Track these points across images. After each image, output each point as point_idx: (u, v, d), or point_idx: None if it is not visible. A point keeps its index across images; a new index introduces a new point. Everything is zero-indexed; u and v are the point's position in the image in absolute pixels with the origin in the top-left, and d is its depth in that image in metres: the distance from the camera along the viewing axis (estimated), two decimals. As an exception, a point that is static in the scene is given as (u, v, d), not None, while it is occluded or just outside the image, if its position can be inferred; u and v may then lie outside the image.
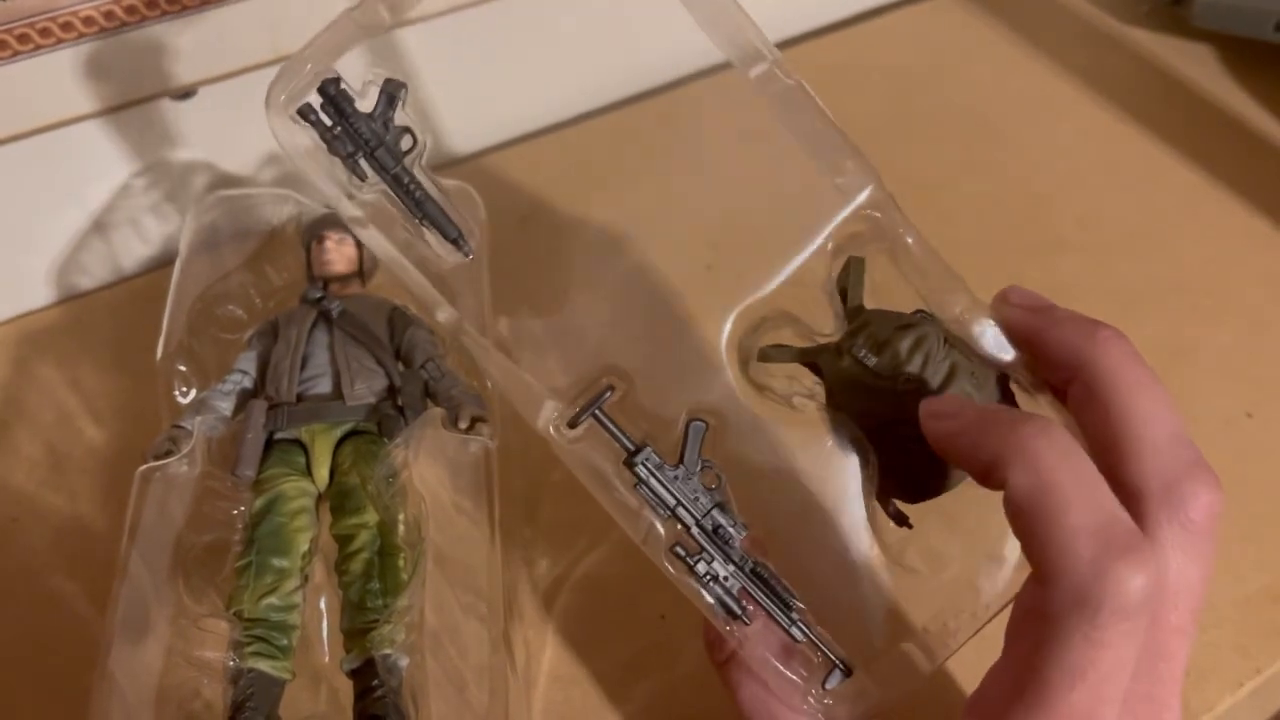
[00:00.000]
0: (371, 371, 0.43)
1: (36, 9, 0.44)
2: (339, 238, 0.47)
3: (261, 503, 0.40)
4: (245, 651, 0.37)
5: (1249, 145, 0.65)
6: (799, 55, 0.72)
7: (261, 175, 0.58)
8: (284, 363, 0.43)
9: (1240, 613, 0.44)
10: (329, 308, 0.44)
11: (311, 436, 0.42)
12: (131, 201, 0.55)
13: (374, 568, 0.39)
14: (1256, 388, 0.52)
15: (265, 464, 0.41)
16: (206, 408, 0.43)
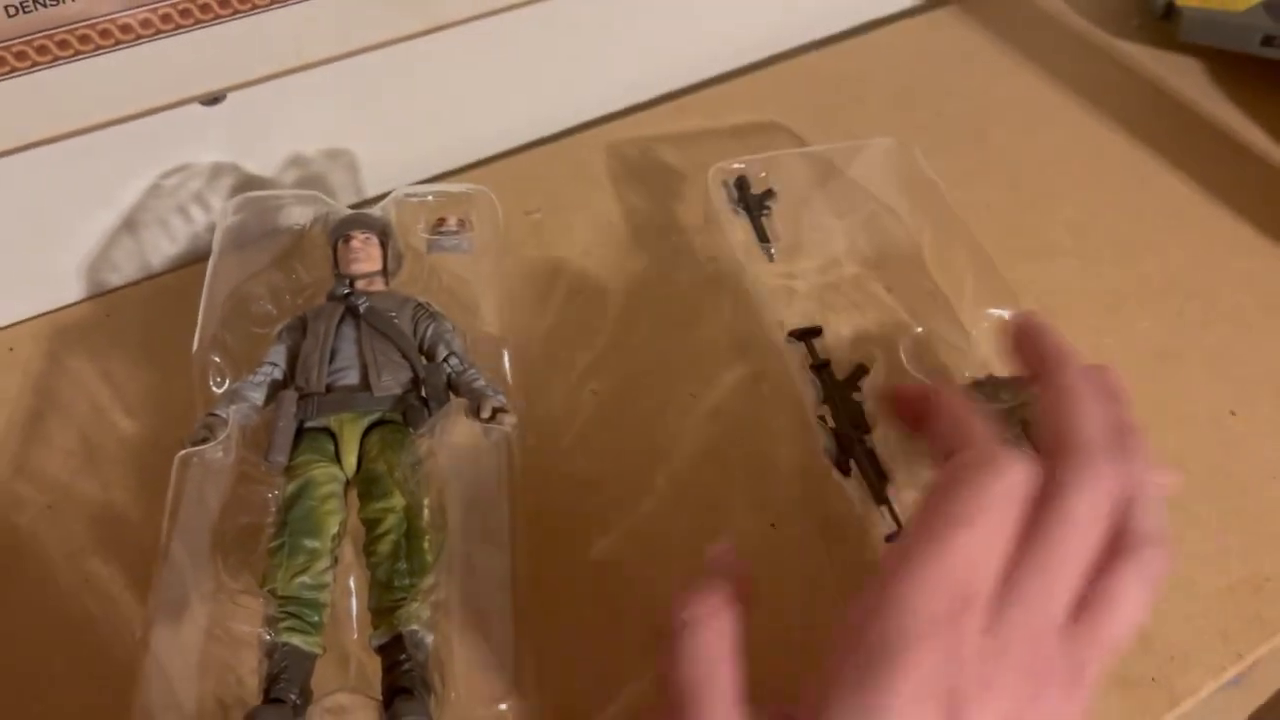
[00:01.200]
0: (397, 364, 0.45)
1: (76, 16, 0.46)
2: (365, 237, 0.49)
3: (293, 488, 0.42)
4: (279, 627, 0.39)
5: (1234, 154, 0.67)
6: (801, 66, 0.74)
7: (285, 177, 0.60)
8: (313, 355, 0.45)
9: (1223, 602, 0.46)
10: (356, 304, 0.46)
11: (340, 425, 0.44)
12: (161, 202, 0.57)
13: (401, 549, 0.41)
14: (1240, 387, 0.54)
15: (296, 451, 0.43)
16: (239, 397, 0.45)
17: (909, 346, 0.51)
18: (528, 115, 0.67)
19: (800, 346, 0.51)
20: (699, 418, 0.52)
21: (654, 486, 0.49)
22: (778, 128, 0.68)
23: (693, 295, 0.58)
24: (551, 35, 0.64)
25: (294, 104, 0.57)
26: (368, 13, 0.52)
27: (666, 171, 0.65)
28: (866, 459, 0.46)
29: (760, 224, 0.57)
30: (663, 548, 0.47)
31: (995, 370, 0.50)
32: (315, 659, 0.39)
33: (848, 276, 0.58)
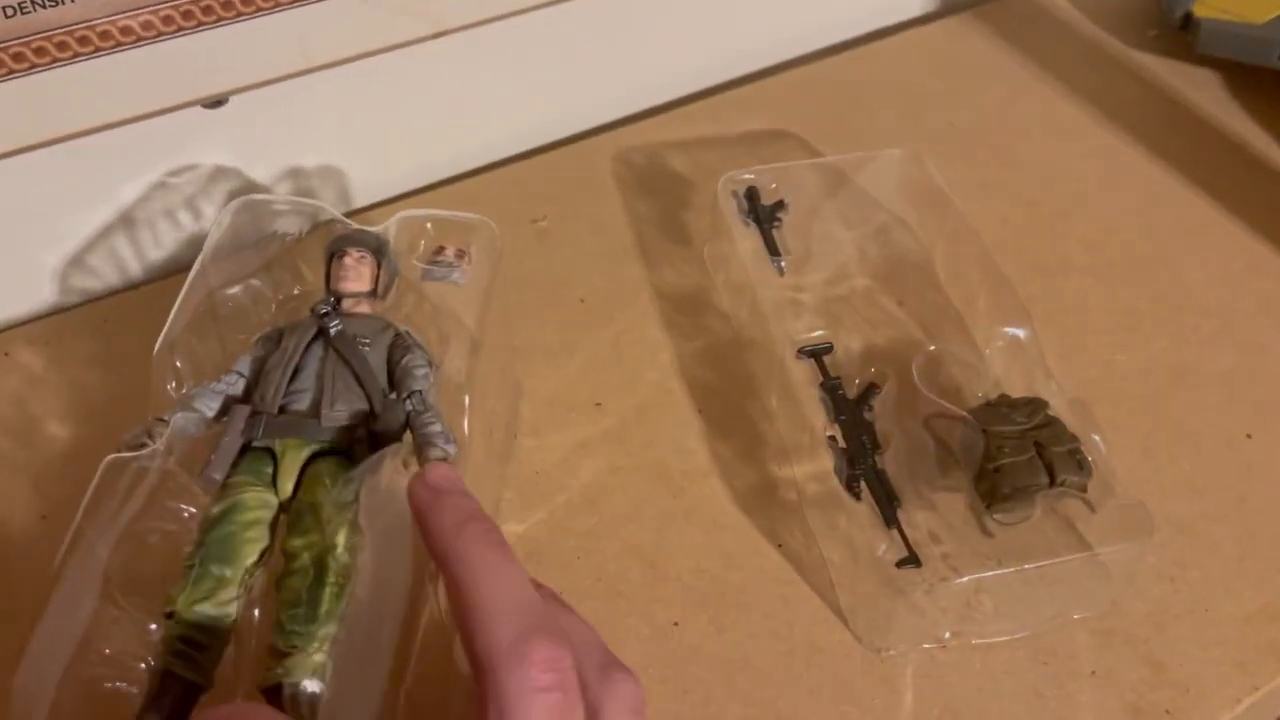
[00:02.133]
0: (353, 395, 0.43)
1: (74, 19, 0.45)
2: (359, 255, 0.47)
3: (218, 509, 0.40)
4: (166, 655, 0.37)
5: (1252, 170, 0.66)
6: (811, 74, 0.73)
7: (284, 184, 0.59)
8: (275, 372, 0.43)
9: (1240, 631, 0.45)
10: (328, 326, 0.44)
11: (283, 449, 0.42)
12: (157, 205, 0.56)
13: (304, 592, 0.38)
14: (1257, 410, 0.53)
15: (234, 469, 0.41)
16: (191, 406, 0.43)
17: (921, 364, 0.50)
18: (534, 121, 0.66)
19: (810, 363, 0.50)
20: (705, 436, 0.51)
21: (668, 508, 0.49)
22: (787, 135, 0.67)
23: (700, 307, 0.57)
24: (558, 40, 0.63)
25: (295, 109, 0.56)
26: (372, 17, 0.51)
27: (675, 179, 0.64)
28: (877, 480, 0.45)
29: (771, 236, 0.56)
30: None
31: (1009, 390, 0.49)
32: (200, 692, 0.37)
33: (858, 289, 0.57)
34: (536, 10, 0.58)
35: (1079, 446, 0.45)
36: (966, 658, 0.44)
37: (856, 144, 0.65)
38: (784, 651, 0.44)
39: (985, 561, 0.44)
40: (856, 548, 0.44)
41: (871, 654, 0.44)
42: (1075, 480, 0.44)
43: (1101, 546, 0.44)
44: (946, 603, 0.44)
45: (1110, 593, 0.45)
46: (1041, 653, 0.44)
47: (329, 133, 0.59)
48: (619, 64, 0.68)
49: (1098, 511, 0.44)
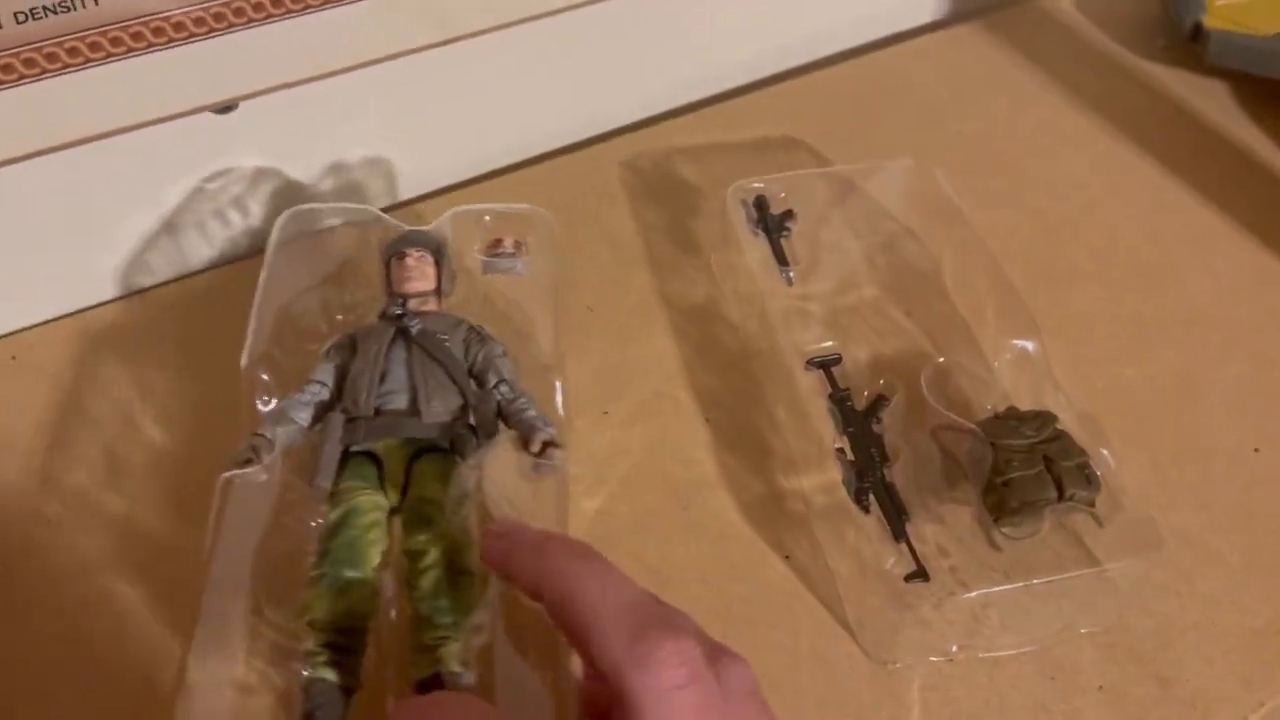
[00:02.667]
0: (447, 389, 0.44)
1: (87, 23, 0.45)
2: (419, 255, 0.48)
3: (336, 515, 0.41)
4: (316, 661, 0.38)
5: (1261, 182, 0.66)
6: (823, 79, 0.73)
7: (323, 184, 0.60)
8: (363, 377, 0.44)
9: (1246, 645, 0.45)
10: (409, 326, 0.45)
11: (386, 451, 0.43)
12: (198, 204, 0.57)
13: (443, 585, 0.39)
14: (1264, 423, 0.53)
15: (340, 476, 0.42)
16: (286, 418, 0.43)
17: (930, 376, 0.50)
18: (542, 127, 0.66)
19: (819, 374, 0.50)
20: (712, 446, 0.51)
21: (675, 518, 0.49)
22: (796, 142, 0.67)
23: (708, 316, 0.57)
24: (566, 47, 0.63)
25: (312, 114, 0.56)
26: (385, 24, 0.51)
27: (683, 186, 0.64)
28: (885, 494, 0.45)
29: (779, 246, 0.56)
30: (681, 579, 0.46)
31: (1017, 403, 0.49)
32: (352, 694, 0.38)
33: (866, 299, 0.57)
34: (544, 18, 0.58)
35: (1087, 461, 0.45)
36: (973, 671, 0.44)
37: (865, 151, 0.65)
38: (790, 664, 0.44)
39: (993, 575, 0.44)
40: (864, 560, 0.44)
41: (878, 667, 0.44)
42: (1083, 495, 0.44)
43: (1109, 561, 0.44)
44: (954, 616, 0.44)
45: (1117, 607, 0.45)
46: (1048, 667, 0.44)
47: (339, 140, 0.59)
48: (627, 70, 0.68)
49: (1106, 526, 0.44)
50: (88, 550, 0.46)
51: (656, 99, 0.70)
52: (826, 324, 0.55)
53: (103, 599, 0.45)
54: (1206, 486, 0.50)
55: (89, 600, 0.45)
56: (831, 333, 0.54)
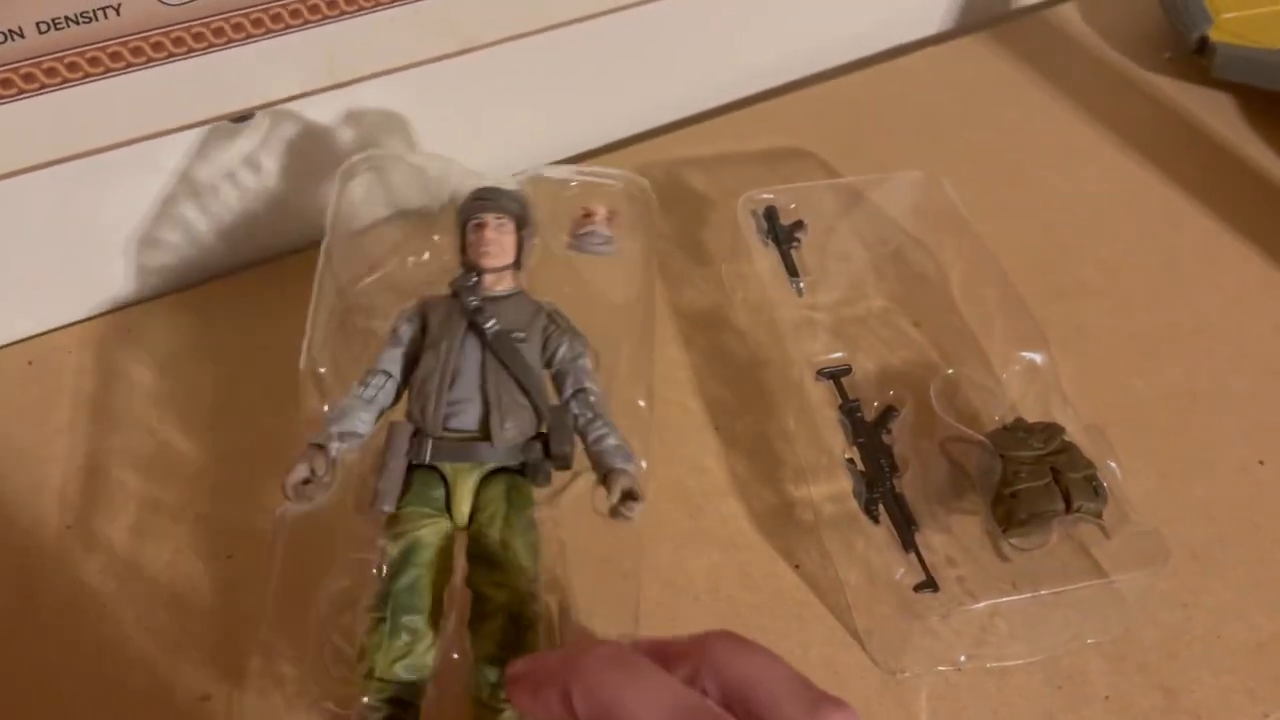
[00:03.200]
0: (521, 408, 0.41)
1: (107, 34, 0.45)
2: (499, 222, 0.43)
3: (398, 551, 0.38)
4: (374, 716, 0.36)
5: (1267, 195, 0.66)
6: (828, 92, 0.73)
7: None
8: (432, 380, 0.41)
9: (1252, 658, 0.45)
10: (483, 326, 0.41)
11: (454, 472, 0.40)
12: (218, 205, 0.57)
13: (505, 637, 0.37)
14: (1270, 436, 0.53)
15: (404, 497, 0.39)
16: (348, 430, 0.41)
17: (939, 388, 0.50)
18: (553, 136, 0.67)
19: (828, 385, 0.51)
20: (722, 455, 0.52)
21: (685, 527, 0.49)
22: (804, 153, 0.67)
23: (717, 325, 0.57)
24: (579, 58, 0.64)
25: (318, 124, 0.56)
26: (398, 34, 0.52)
27: (693, 196, 0.65)
28: (895, 504, 0.45)
29: (789, 256, 0.56)
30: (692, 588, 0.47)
31: (1026, 415, 0.49)
32: None
33: (875, 310, 0.57)
34: (557, 29, 0.58)
35: (1095, 473, 0.45)
36: (981, 681, 0.44)
37: (873, 162, 0.65)
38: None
39: (1001, 586, 0.44)
40: (874, 570, 0.44)
41: (887, 676, 0.44)
42: (1091, 506, 0.45)
43: (1116, 573, 0.44)
44: (962, 626, 0.44)
45: (1124, 618, 0.45)
46: (1056, 677, 0.44)
47: (339, 151, 0.60)
48: (638, 80, 0.68)
49: (1113, 538, 0.45)
50: (109, 557, 0.47)
51: (666, 109, 0.70)
52: (835, 334, 0.55)
53: (124, 607, 0.45)
54: (1213, 499, 0.51)
55: (110, 609, 0.45)
56: (840, 343, 0.54)
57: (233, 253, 0.60)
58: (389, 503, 0.39)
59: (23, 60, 0.44)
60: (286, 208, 0.59)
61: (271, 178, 0.58)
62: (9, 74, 0.44)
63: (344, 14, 0.50)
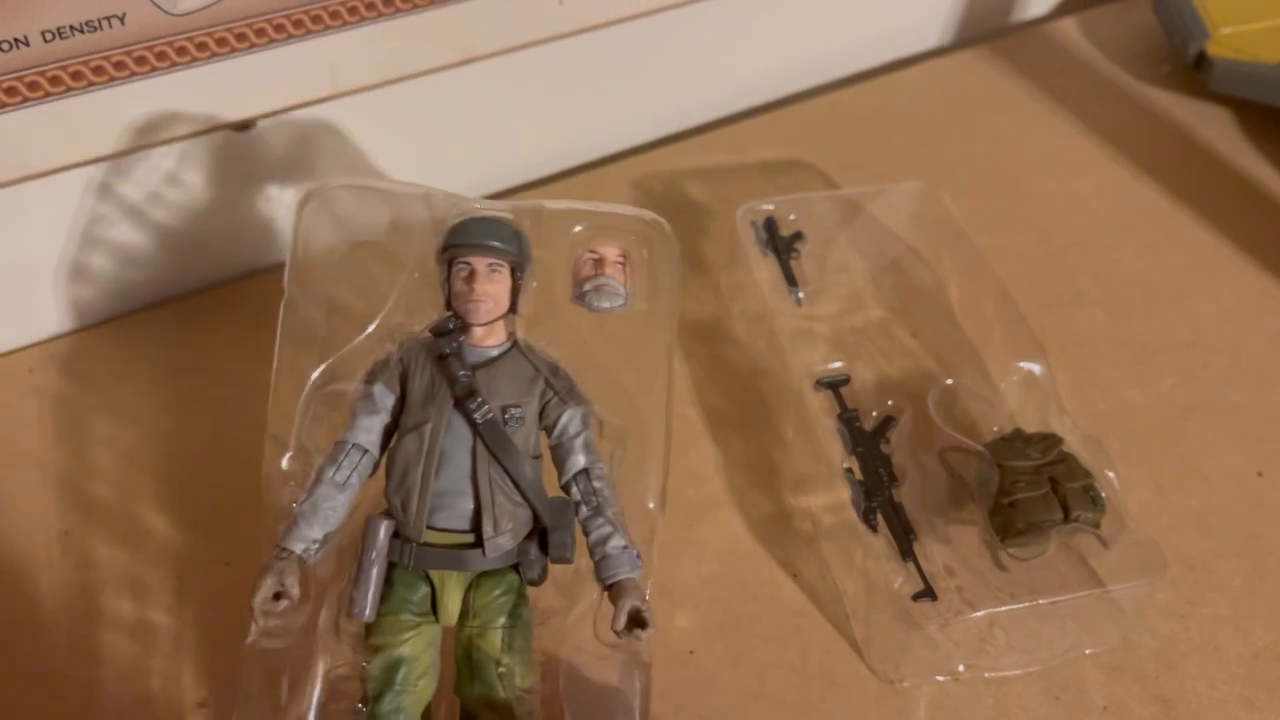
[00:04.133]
0: (517, 505, 0.37)
1: (113, 43, 0.45)
2: (492, 268, 0.37)
3: (381, 668, 0.36)
4: None
5: (1263, 208, 0.66)
6: (830, 103, 0.74)
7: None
8: (414, 472, 0.36)
9: (1248, 669, 0.45)
10: (473, 414, 0.36)
11: (441, 578, 0.37)
12: (199, 224, 0.57)
13: None
14: (1267, 447, 0.53)
15: (385, 600, 0.36)
16: (318, 518, 0.36)
17: (937, 398, 0.50)
18: (553, 147, 0.67)
19: (827, 394, 0.51)
20: (720, 465, 0.52)
21: (684, 536, 0.49)
22: (803, 165, 0.68)
23: (716, 335, 0.58)
24: (580, 69, 0.64)
25: (318, 135, 0.56)
26: (400, 44, 0.52)
27: (692, 207, 0.65)
28: (894, 513, 0.46)
29: (789, 267, 0.56)
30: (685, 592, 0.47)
31: (1024, 425, 0.49)
32: None
33: (873, 320, 0.57)
34: (557, 40, 0.59)
35: (1093, 482, 0.45)
36: (979, 691, 0.44)
37: (872, 174, 0.66)
38: (798, 682, 0.44)
39: (999, 596, 0.44)
40: (872, 580, 0.44)
41: (885, 685, 0.44)
42: (1089, 516, 0.45)
43: (1114, 582, 0.44)
44: (960, 636, 0.44)
45: (1122, 628, 0.46)
46: (1054, 687, 0.44)
47: (342, 162, 0.60)
48: (637, 92, 0.69)
49: (1110, 547, 0.45)
50: (100, 567, 0.47)
51: (666, 121, 0.71)
52: (834, 344, 0.55)
53: (115, 615, 0.45)
54: (1209, 510, 0.51)
55: (102, 616, 0.45)
56: (839, 353, 0.54)
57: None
58: (368, 611, 0.36)
59: (28, 68, 0.44)
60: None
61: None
62: (14, 82, 0.44)
63: (345, 24, 0.50)
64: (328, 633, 0.38)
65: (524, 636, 0.37)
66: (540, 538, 0.38)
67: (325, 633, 0.37)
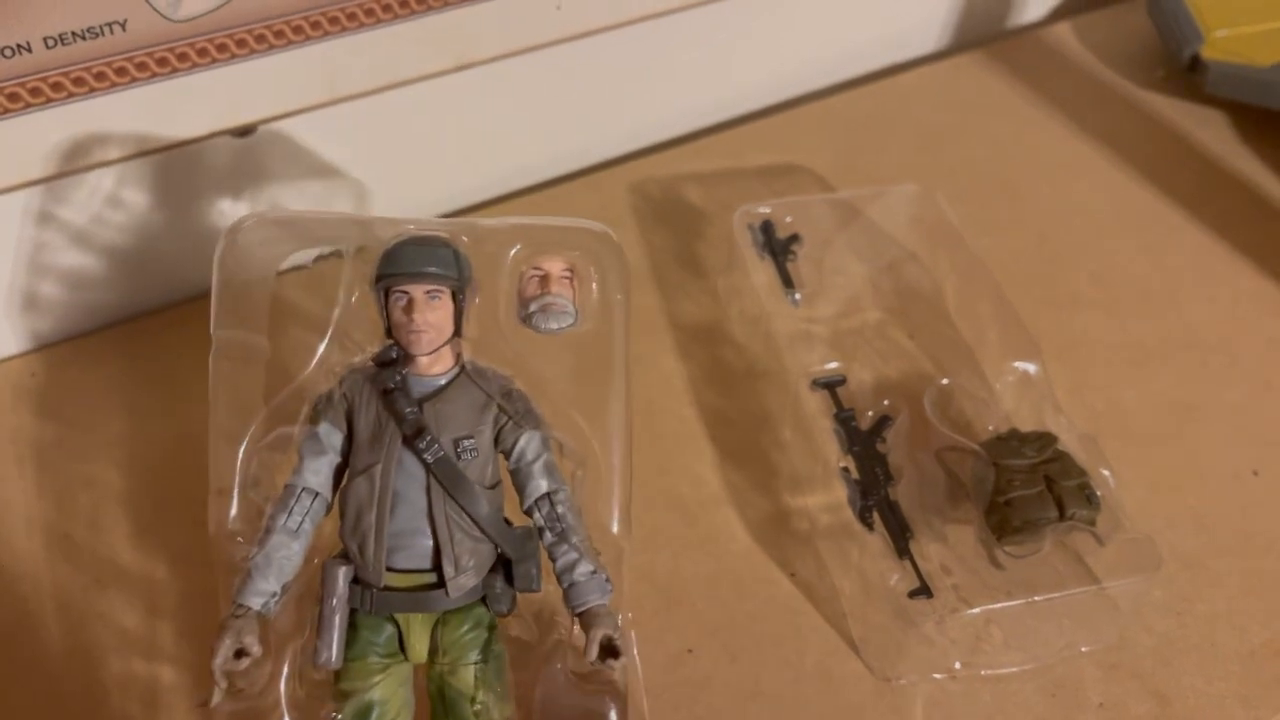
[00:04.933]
0: (477, 541, 0.36)
1: (112, 50, 0.46)
2: (431, 295, 0.36)
3: (353, 717, 0.35)
4: None
5: (1259, 210, 0.67)
6: (828, 107, 0.74)
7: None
8: (368, 515, 0.35)
9: (1244, 666, 0.45)
10: (422, 453, 0.35)
11: (406, 621, 0.36)
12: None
13: None
14: (1263, 446, 0.54)
15: (350, 645, 0.35)
16: (273, 571, 0.35)
17: (933, 397, 0.51)
18: (552, 152, 0.67)
19: (823, 395, 0.51)
20: (718, 465, 0.52)
21: (681, 536, 0.49)
22: (800, 170, 0.68)
23: (714, 337, 0.58)
24: (577, 74, 0.64)
25: (318, 139, 0.57)
26: (399, 50, 0.53)
27: (690, 211, 0.65)
28: (890, 512, 0.46)
29: (785, 269, 0.57)
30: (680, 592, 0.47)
31: (1019, 424, 0.50)
32: None
33: (870, 323, 0.58)
34: (555, 46, 0.59)
35: (1088, 481, 0.46)
36: (976, 689, 0.44)
37: (869, 179, 0.66)
38: (795, 680, 0.44)
39: (995, 593, 0.45)
40: (869, 578, 0.44)
41: (882, 683, 0.44)
42: (1084, 514, 0.45)
43: (1109, 580, 0.45)
44: (957, 634, 0.44)
45: (1118, 626, 0.46)
46: (1050, 684, 0.44)
47: (342, 166, 0.60)
48: (635, 97, 0.69)
49: (1106, 545, 0.45)
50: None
51: (664, 125, 0.71)
52: (831, 346, 0.55)
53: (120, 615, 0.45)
54: (1205, 509, 0.51)
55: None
56: (836, 354, 0.54)
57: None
58: (333, 656, 0.35)
59: (30, 75, 0.45)
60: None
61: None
62: (16, 88, 0.45)
63: (345, 30, 0.50)
64: (293, 686, 0.37)
65: (497, 670, 0.36)
66: (505, 568, 0.37)
67: (291, 686, 0.37)
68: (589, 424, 0.39)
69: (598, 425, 0.39)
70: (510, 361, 0.39)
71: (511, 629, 0.39)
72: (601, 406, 0.39)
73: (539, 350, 0.39)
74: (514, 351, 0.39)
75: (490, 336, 0.38)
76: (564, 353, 0.39)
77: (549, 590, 0.38)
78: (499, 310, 0.39)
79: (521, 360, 0.39)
